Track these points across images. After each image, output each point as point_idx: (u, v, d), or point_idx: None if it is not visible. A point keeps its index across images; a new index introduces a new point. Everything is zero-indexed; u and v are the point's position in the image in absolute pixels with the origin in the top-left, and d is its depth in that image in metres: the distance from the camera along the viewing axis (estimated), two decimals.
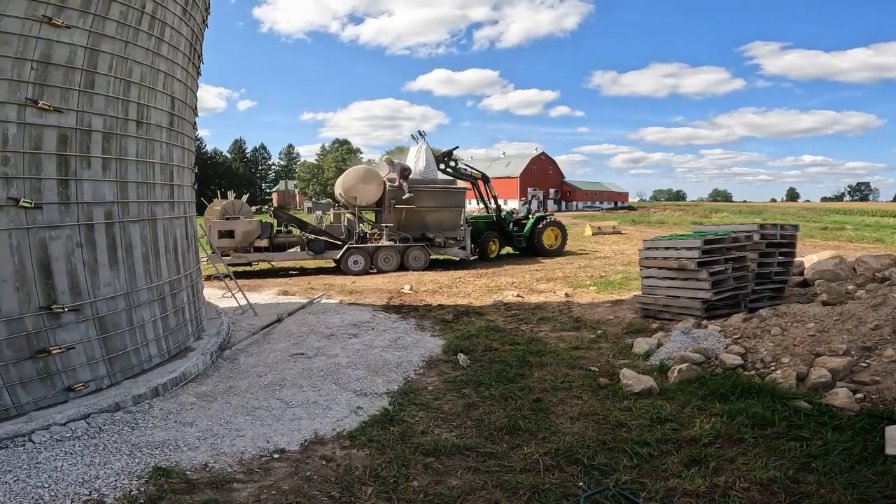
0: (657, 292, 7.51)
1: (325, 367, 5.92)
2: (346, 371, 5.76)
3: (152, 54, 5.51)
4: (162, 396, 5.07)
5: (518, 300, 9.77)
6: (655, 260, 7.48)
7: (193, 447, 4.05)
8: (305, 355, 6.38)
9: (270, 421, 4.54)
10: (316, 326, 7.74)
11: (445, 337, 7.10)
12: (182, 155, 6.36)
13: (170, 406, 4.86)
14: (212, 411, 4.76)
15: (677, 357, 5.70)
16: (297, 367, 5.93)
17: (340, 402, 4.93)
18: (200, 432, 4.31)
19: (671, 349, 5.97)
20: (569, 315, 8.34)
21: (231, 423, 4.49)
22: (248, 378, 5.65)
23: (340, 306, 9.47)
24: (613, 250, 20.08)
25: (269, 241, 15.29)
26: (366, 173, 16.08)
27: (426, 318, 8.41)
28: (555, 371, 5.64)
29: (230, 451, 3.99)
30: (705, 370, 5.43)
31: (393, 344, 6.77)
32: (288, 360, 6.20)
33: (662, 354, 5.92)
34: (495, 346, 6.55)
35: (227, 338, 7.02)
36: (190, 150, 6.76)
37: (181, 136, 6.32)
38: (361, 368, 5.85)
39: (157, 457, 3.87)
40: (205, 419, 4.58)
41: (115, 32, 4.98)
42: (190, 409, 4.83)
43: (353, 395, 5.10)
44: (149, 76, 5.48)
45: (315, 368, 5.87)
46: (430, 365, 6.00)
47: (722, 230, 7.85)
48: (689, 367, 5.22)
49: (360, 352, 6.45)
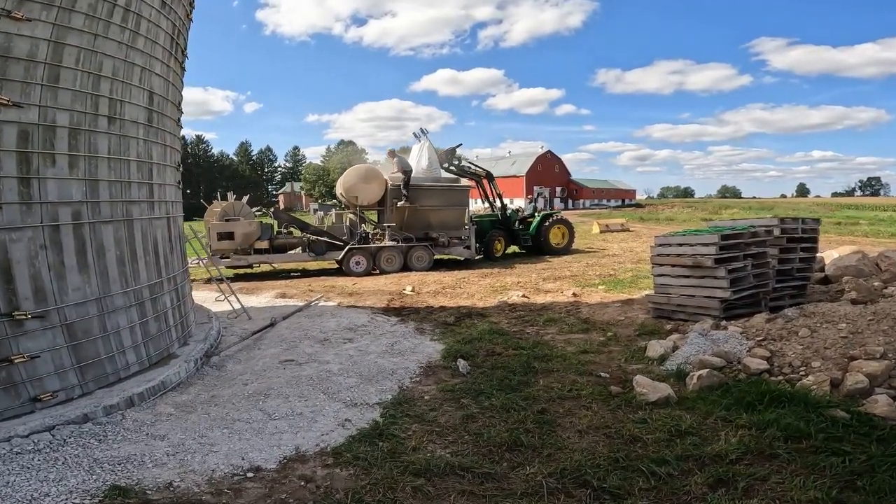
0: (671, 291, 7.05)
1: (315, 374, 5.53)
2: (338, 379, 5.37)
3: (126, 48, 5.17)
4: (137, 407, 4.71)
5: (523, 301, 9.34)
6: (668, 257, 7.02)
7: (160, 463, 3.69)
8: (296, 362, 6.00)
9: (249, 435, 4.16)
10: (310, 331, 7.35)
11: (446, 341, 6.69)
12: (163, 152, 6.00)
13: (144, 417, 4.50)
14: (188, 423, 4.39)
15: (695, 362, 5.26)
16: (285, 375, 5.55)
17: (327, 414, 4.54)
18: (171, 447, 3.95)
19: (688, 353, 5.52)
20: (577, 316, 7.90)
21: (206, 437, 4.12)
22: (233, 387, 5.28)
23: (338, 309, 9.09)
24: (622, 248, 19.56)
25: (270, 242, 14.97)
26: (367, 172, 15.72)
27: (427, 320, 8.00)
28: (562, 378, 5.22)
29: (200, 469, 3.61)
30: (727, 376, 4.98)
31: (389, 349, 6.36)
32: (277, 368, 5.82)
33: (679, 359, 5.48)
34: (498, 351, 6.13)
35: (216, 343, 6.66)
36: (173, 147, 6.41)
37: (162, 132, 5.96)
38: (354, 376, 5.46)
39: (117, 473, 3.51)
40: (179, 432, 4.21)
41: (82, 25, 4.65)
42: (165, 420, 4.47)
43: (342, 406, 4.71)
44: (122, 70, 5.14)
45: (304, 376, 5.48)
46: (427, 372, 5.59)
47: (740, 225, 7.38)
48: (710, 373, 4.77)
49: (353, 358, 6.05)
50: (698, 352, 5.50)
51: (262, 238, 14.90)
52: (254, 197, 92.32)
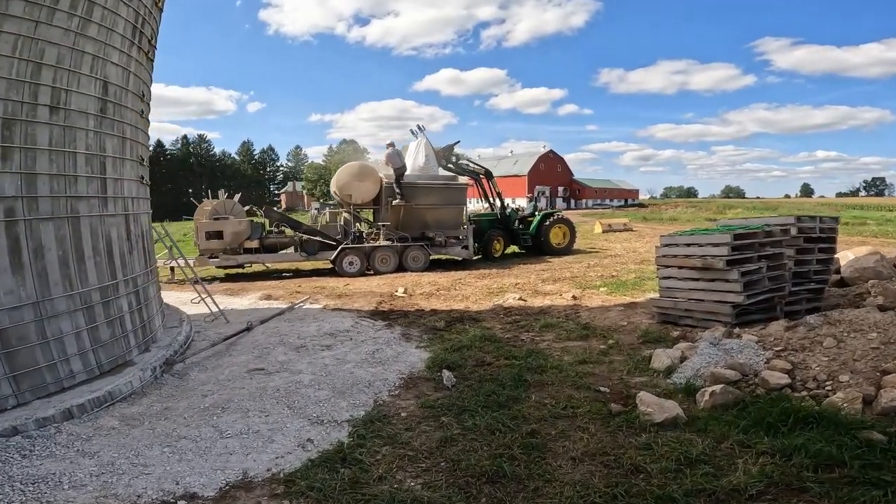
0: (677, 295, 6.49)
1: (283, 385, 5.00)
2: (307, 392, 4.84)
3: (75, 35, 4.73)
4: (78, 419, 4.23)
5: (520, 304, 8.79)
6: (675, 258, 6.46)
7: (79, 485, 3.20)
8: (265, 371, 5.48)
9: (192, 455, 3.64)
10: (287, 336, 6.82)
11: (432, 349, 6.14)
12: (120, 145, 5.50)
13: (82, 431, 4.02)
14: (128, 439, 3.90)
15: (707, 375, 4.70)
16: (250, 386, 5.02)
17: (288, 433, 4.01)
18: (99, 465, 3.47)
19: (698, 364, 4.97)
20: (576, 321, 7.35)
21: (142, 456, 3.62)
22: (191, 398, 4.77)
23: (322, 312, 8.56)
24: (625, 248, 18.97)
25: (260, 241, 14.49)
26: (361, 170, 15.20)
27: (415, 325, 7.46)
28: (556, 392, 4.67)
29: (123, 494, 3.12)
30: (742, 391, 4.42)
31: (369, 358, 5.82)
32: (243, 377, 5.30)
33: (688, 371, 4.92)
34: (488, 361, 5.58)
35: (183, 349, 6.15)
36: (135, 140, 5.90)
37: (119, 124, 5.47)
38: (325, 388, 4.92)
39: (27, 495, 3.05)
40: (113, 449, 3.73)
41: (22, 12, 4.24)
42: (105, 434, 3.98)
43: (306, 424, 4.18)
44: (69, 58, 4.69)
45: (271, 388, 4.95)
46: (408, 384, 5.05)
47: (753, 224, 6.80)
48: (725, 389, 4.21)
49: (328, 367, 5.52)
50: (709, 363, 4.95)
51: (252, 237, 14.42)
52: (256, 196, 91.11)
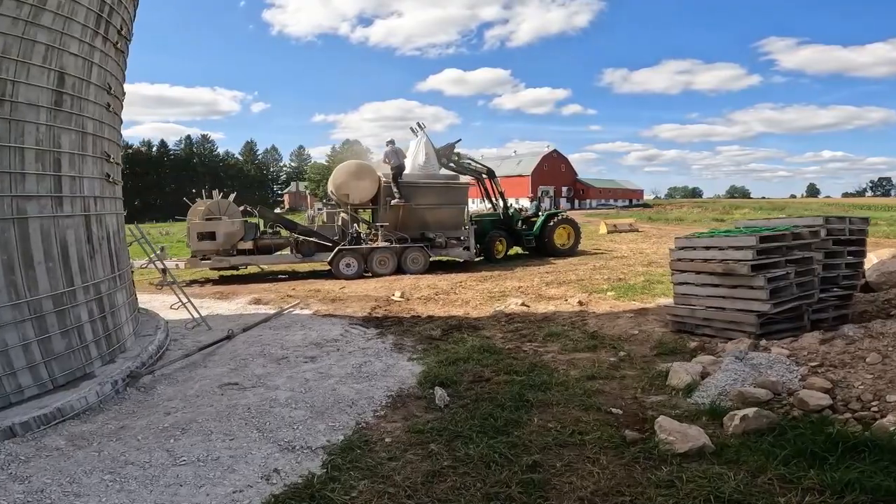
0: (694, 302, 5.93)
1: (256, 403, 4.48)
2: (281, 411, 4.31)
3: (24, 24, 4.26)
4: (20, 438, 3.77)
5: (523, 310, 8.25)
6: (693, 262, 5.90)
7: None
8: (239, 386, 4.96)
9: (135, 485, 3.15)
10: (269, 346, 6.30)
11: (426, 361, 5.61)
12: (79, 140, 5.02)
13: (22, 451, 3.56)
14: (69, 462, 3.43)
15: (734, 394, 4.16)
16: (219, 404, 4.50)
17: (253, 461, 3.49)
18: (26, 493, 3.02)
19: (723, 382, 4.42)
20: (583, 329, 6.80)
21: (78, 484, 3.14)
22: (151, 416, 4.27)
23: (312, 319, 8.04)
24: (631, 249, 18.40)
25: (254, 243, 14.02)
26: (358, 168, 14.70)
27: (409, 333, 6.92)
28: (562, 415, 4.13)
29: None
30: (775, 412, 3.88)
31: (355, 372, 5.29)
32: (213, 393, 4.79)
33: (711, 389, 4.37)
34: (486, 376, 5.04)
35: (154, 360, 5.64)
36: (100, 135, 5.41)
37: (79, 118, 5.00)
38: (303, 407, 4.40)
39: None
40: (49, 473, 3.26)
41: None
42: (46, 456, 3.51)
43: (275, 450, 3.65)
44: (17, 48, 4.23)
45: (242, 406, 4.43)
46: (396, 403, 4.52)
47: (779, 225, 6.23)
48: (759, 413, 3.66)
49: (309, 383, 4.99)
50: (736, 381, 4.40)
51: (245, 238, 13.95)
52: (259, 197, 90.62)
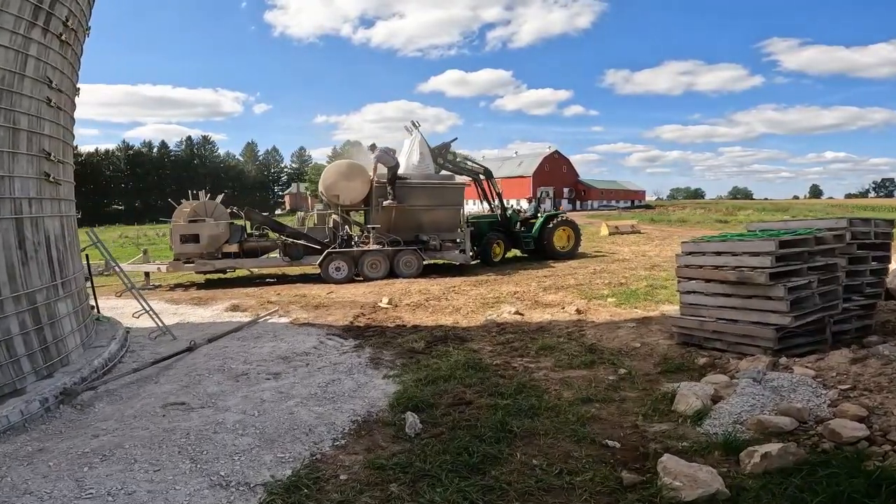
0: (703, 313, 5.34)
1: (198, 428, 3.90)
2: (225, 438, 3.72)
3: None
4: None
5: (516, 319, 7.65)
6: (702, 269, 5.30)
7: None
8: (186, 406, 4.38)
9: None
10: (232, 359, 5.71)
11: (403, 380, 5.01)
12: (10, 137, 4.51)
13: None
14: None
15: (752, 423, 3.56)
16: (157, 426, 3.93)
17: (174, 499, 2.93)
18: None
19: (738, 407, 3.82)
20: (580, 341, 6.20)
21: None
22: (77, 438, 3.72)
23: (287, 328, 7.45)
24: (633, 252, 17.79)
25: (240, 245, 13.48)
26: (349, 168, 14.15)
27: (390, 345, 6.33)
28: (550, 448, 3.53)
29: None
30: (802, 444, 3.29)
31: (320, 392, 4.69)
32: (154, 414, 4.21)
33: (725, 416, 3.77)
34: (468, 398, 4.44)
35: (99, 374, 5.07)
36: (37, 131, 4.89)
37: (10, 113, 4.51)
38: (251, 434, 3.81)
39: None
40: None
41: None
42: None
43: (204, 486, 3.07)
44: None
45: (182, 430, 3.85)
46: (361, 430, 3.93)
47: (800, 228, 5.61)
48: (784, 450, 3.06)
49: (265, 404, 4.39)
50: (753, 406, 3.80)
51: (231, 241, 13.42)
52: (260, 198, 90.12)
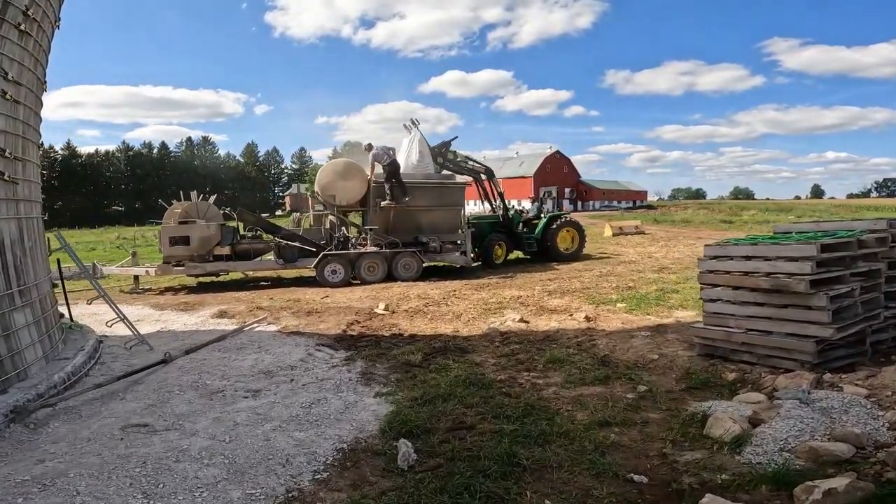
0: (731, 323, 4.82)
1: (158, 454, 3.39)
2: (187, 468, 3.21)
3: None
4: None
5: (521, 327, 7.14)
6: (728, 276, 4.78)
7: None
8: (149, 428, 3.87)
9: None
10: (209, 373, 5.19)
11: (397, 398, 4.50)
12: None
13: None
14: None
15: (803, 451, 3.06)
16: (110, 452, 3.43)
17: None
18: None
19: (784, 432, 3.31)
20: (591, 353, 5.68)
21: None
22: (21, 462, 3.27)
23: (274, 337, 6.93)
24: (639, 253, 17.28)
25: (232, 247, 13.00)
26: (345, 168, 13.68)
27: (383, 358, 5.81)
28: (565, 485, 3.01)
29: None
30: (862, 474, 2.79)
31: (303, 413, 4.17)
32: (112, 437, 3.72)
33: (769, 443, 3.26)
34: (469, 422, 3.92)
35: (59, 390, 4.56)
36: None
37: None
38: (219, 463, 3.30)
39: None
40: None
41: None
42: None
43: None
44: None
45: (139, 457, 3.34)
46: (346, 461, 3.41)
47: (840, 230, 5.05)
48: (853, 486, 2.55)
49: (238, 428, 3.87)
50: (802, 431, 3.30)
51: (222, 243, 12.92)
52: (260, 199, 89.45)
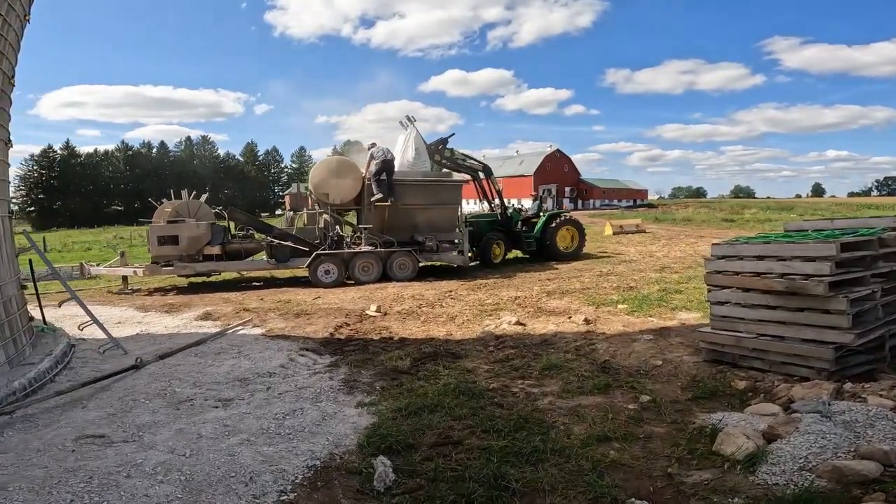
0: (740, 328, 4.47)
1: (109, 469, 3.06)
2: (137, 485, 2.88)
3: None
4: None
5: (517, 330, 6.80)
6: (738, 277, 4.43)
7: None
8: (105, 440, 3.54)
9: None
10: (180, 381, 4.84)
11: (380, 409, 4.16)
12: None
13: None
14: None
15: (826, 470, 2.72)
16: (56, 465, 3.11)
17: None
18: None
19: (804, 449, 2.97)
20: (591, 358, 5.35)
21: None
22: None
23: (257, 341, 6.60)
24: (640, 252, 16.94)
25: (223, 247, 12.68)
26: (339, 165, 13.37)
27: (370, 364, 5.47)
28: None
29: None
30: (890, 495, 2.46)
31: (276, 425, 3.83)
32: (63, 448, 3.41)
33: (787, 461, 2.93)
34: (456, 436, 3.58)
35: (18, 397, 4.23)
36: None
37: None
38: (174, 480, 2.96)
39: None
40: None
41: None
42: None
43: None
44: None
45: (87, 471, 3.02)
46: (317, 480, 3.07)
47: (851, 227, 4.72)
48: None
49: (201, 440, 3.53)
50: (824, 447, 2.96)
51: (213, 242, 12.61)
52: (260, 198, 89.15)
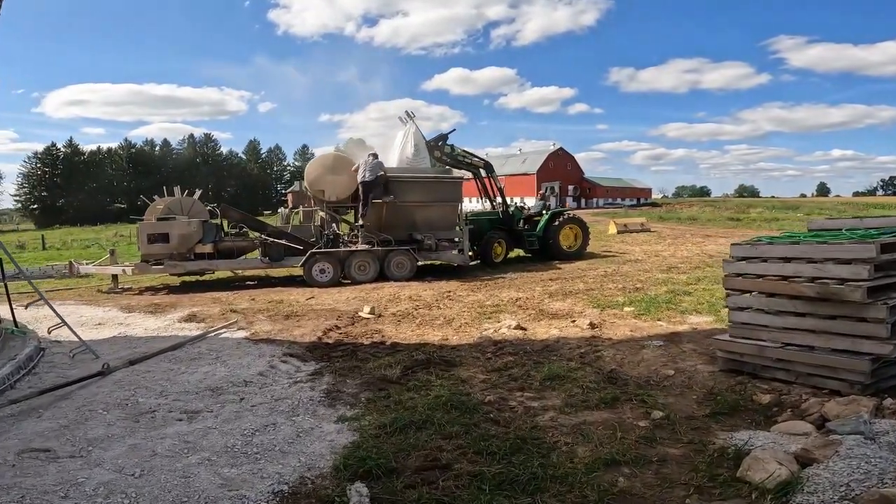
0: (763, 336, 4.04)
1: (42, 488, 2.68)
2: None
3: None
4: None
5: (517, 335, 6.37)
6: (762, 280, 4.00)
7: None
8: (50, 455, 3.16)
9: None
10: (146, 390, 4.43)
11: (362, 424, 3.74)
12: None
13: None
14: None
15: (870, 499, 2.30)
16: None
17: None
18: None
19: (846, 475, 2.55)
20: (596, 366, 4.92)
21: None
22: None
23: (239, 346, 6.19)
24: (646, 251, 16.49)
25: (215, 245, 12.30)
26: (335, 161, 13.02)
27: (356, 372, 5.05)
28: None
29: None
30: None
31: (243, 442, 3.42)
32: (3, 463, 3.09)
33: (827, 490, 2.50)
34: (445, 459, 3.17)
35: None
36: None
37: None
38: None
39: None
40: None
41: None
42: None
43: None
44: None
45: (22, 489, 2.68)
46: None
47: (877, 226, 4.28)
48: None
49: (155, 458, 3.12)
50: (868, 474, 2.54)
51: (204, 240, 12.24)
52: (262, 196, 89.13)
